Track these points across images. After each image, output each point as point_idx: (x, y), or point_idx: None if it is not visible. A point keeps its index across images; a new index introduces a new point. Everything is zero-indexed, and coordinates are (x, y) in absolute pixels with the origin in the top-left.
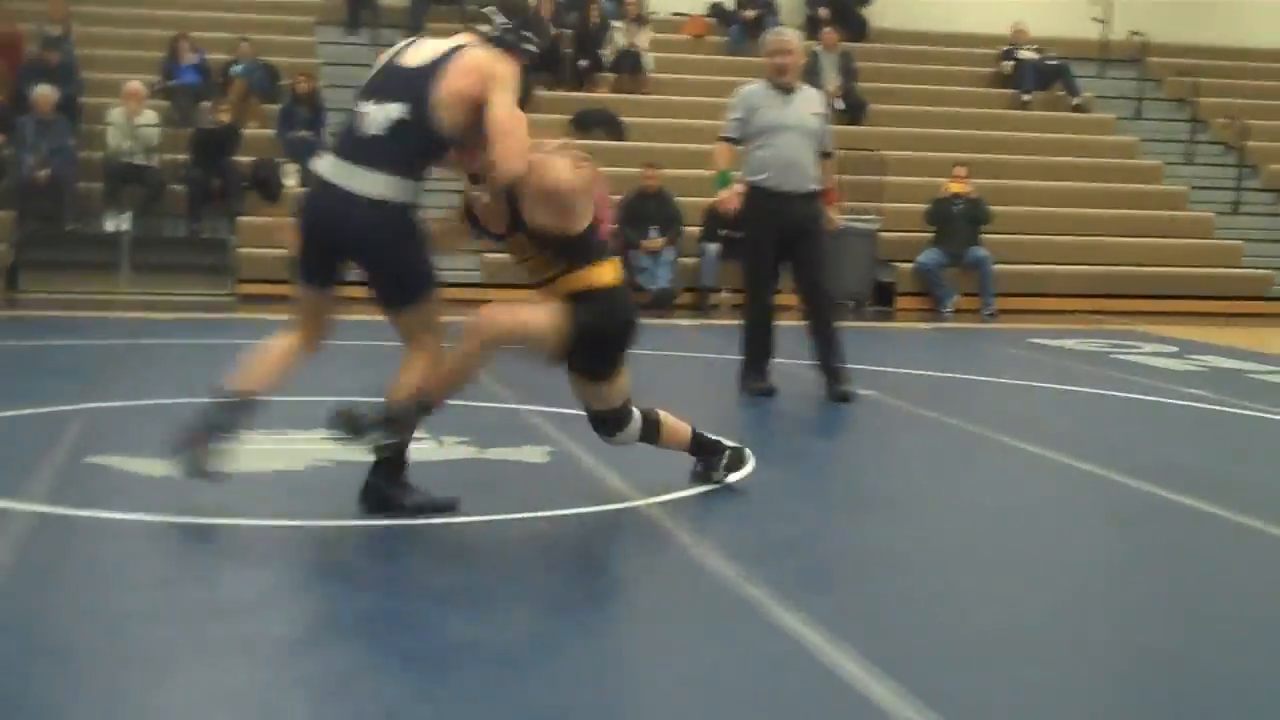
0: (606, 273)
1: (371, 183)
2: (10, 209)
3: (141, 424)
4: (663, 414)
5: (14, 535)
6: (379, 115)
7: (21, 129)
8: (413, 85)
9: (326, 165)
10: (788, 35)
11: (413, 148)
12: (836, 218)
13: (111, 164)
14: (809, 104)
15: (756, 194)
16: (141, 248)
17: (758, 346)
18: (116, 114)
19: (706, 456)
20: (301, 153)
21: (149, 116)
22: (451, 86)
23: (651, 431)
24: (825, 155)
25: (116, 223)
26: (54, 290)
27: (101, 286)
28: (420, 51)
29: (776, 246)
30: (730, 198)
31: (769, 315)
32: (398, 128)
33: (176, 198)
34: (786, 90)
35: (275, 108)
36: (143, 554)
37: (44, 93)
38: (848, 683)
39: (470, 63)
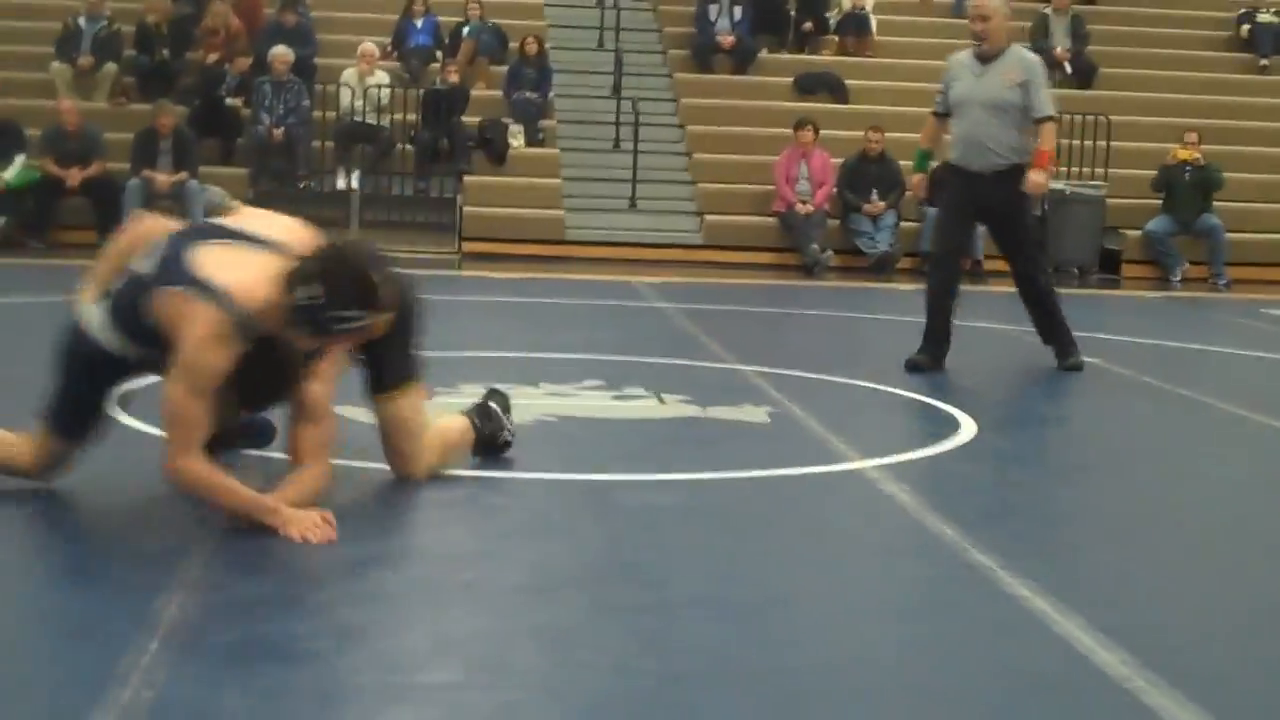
0: None
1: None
2: (247, 166)
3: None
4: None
5: (256, 482)
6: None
7: (259, 89)
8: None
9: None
10: None
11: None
12: (1037, 180)
13: (343, 123)
14: (1006, 73)
15: (949, 170)
16: (370, 205)
17: (931, 324)
18: (349, 74)
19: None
20: (528, 114)
21: (380, 77)
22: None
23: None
24: (1041, 120)
25: (347, 181)
26: None
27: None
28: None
29: (965, 225)
30: (919, 183)
31: (944, 295)
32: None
33: (405, 157)
34: (984, 59)
35: (503, 69)
36: (375, 500)
37: (280, 53)
38: (1081, 653)
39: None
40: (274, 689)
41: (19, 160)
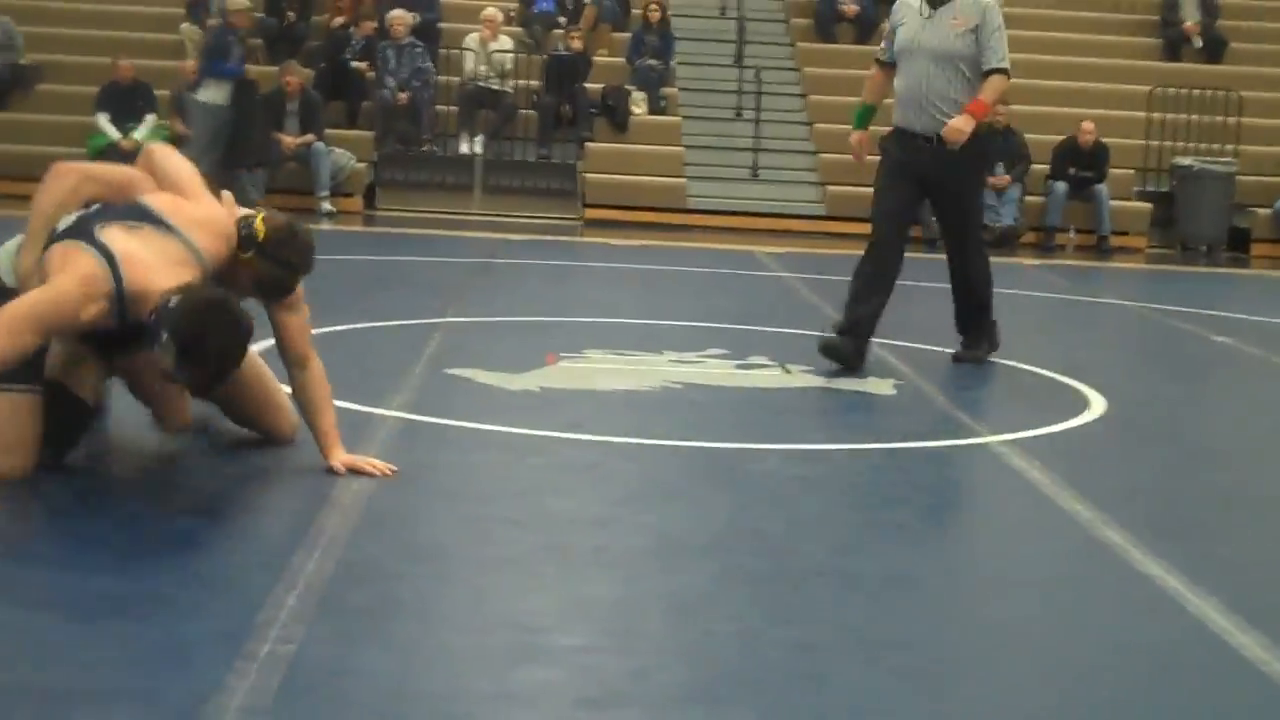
0: None
1: None
2: (372, 129)
3: (496, 339)
4: None
5: (384, 441)
6: None
7: (383, 53)
8: None
9: None
10: None
11: None
12: (955, 125)
13: (467, 88)
14: (956, 18)
15: (894, 131)
16: (493, 170)
17: (853, 308)
18: (473, 40)
19: None
20: (650, 81)
21: (504, 43)
22: None
23: None
24: (990, 73)
25: (470, 145)
26: (409, 208)
27: (455, 206)
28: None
29: (903, 197)
30: (856, 143)
31: (872, 278)
32: None
33: (528, 122)
34: (934, 2)
35: (626, 36)
36: (503, 463)
37: (399, 16)
38: (1216, 634)
39: None
40: (407, 647)
41: (149, 120)
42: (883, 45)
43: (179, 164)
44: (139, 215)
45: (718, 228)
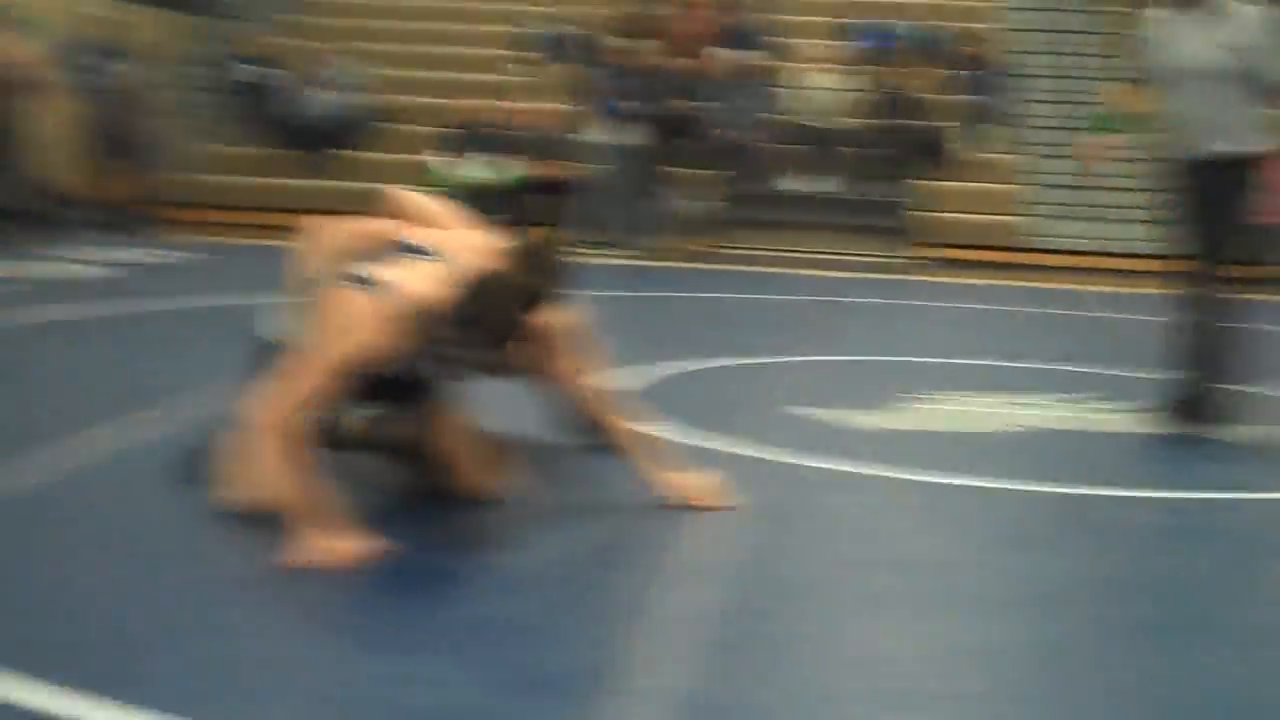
0: None
1: None
2: (697, 168)
3: (839, 378)
4: None
5: (737, 476)
6: None
7: (710, 92)
8: None
9: None
10: None
11: None
12: None
13: (792, 126)
14: (1232, 30)
15: (1169, 165)
16: (821, 208)
17: (1186, 364)
18: (803, 78)
19: None
20: (977, 119)
21: (830, 80)
22: None
23: None
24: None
25: (801, 183)
26: (745, 245)
27: (785, 244)
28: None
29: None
30: (1087, 149)
31: (1198, 326)
32: None
33: (856, 161)
34: (1202, 12)
35: (952, 73)
36: (856, 503)
37: (726, 56)
38: None
39: None
40: (780, 686)
41: (474, 159)
42: (1137, 65)
43: (423, 200)
44: (398, 251)
45: (1051, 266)
